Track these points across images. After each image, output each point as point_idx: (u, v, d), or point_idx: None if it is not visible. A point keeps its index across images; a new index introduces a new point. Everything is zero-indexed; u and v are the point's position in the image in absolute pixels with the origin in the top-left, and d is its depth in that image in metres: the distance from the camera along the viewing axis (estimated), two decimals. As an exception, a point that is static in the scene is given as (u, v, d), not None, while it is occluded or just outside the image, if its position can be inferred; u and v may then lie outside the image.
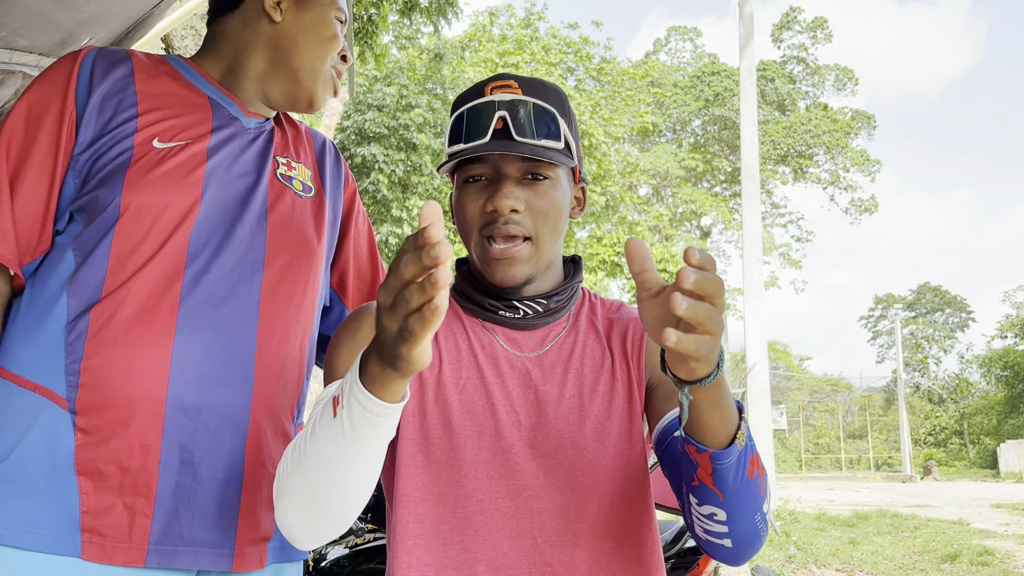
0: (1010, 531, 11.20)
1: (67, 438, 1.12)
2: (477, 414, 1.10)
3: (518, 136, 1.06)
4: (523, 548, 1.07)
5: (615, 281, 16.39)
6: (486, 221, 1.09)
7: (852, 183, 30.80)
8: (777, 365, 37.85)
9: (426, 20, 6.13)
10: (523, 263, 1.10)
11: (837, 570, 7.94)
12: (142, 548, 1.13)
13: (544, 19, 19.94)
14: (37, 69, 1.67)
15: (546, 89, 1.13)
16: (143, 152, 1.21)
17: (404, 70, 14.21)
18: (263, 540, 1.25)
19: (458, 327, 1.16)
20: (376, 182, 12.87)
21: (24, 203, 1.19)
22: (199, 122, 1.29)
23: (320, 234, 1.37)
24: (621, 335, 1.18)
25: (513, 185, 1.08)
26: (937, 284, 42.99)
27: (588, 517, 1.09)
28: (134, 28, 1.79)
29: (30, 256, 1.20)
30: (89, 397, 1.13)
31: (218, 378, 1.18)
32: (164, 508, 1.15)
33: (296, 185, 1.36)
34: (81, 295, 1.16)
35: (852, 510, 13.91)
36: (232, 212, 1.26)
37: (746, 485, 0.94)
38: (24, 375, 1.15)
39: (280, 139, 1.40)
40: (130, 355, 1.14)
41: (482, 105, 1.09)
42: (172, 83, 1.31)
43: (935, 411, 35.45)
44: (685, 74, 32.31)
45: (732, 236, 30.48)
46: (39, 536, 1.09)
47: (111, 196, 1.18)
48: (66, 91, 1.23)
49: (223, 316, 1.20)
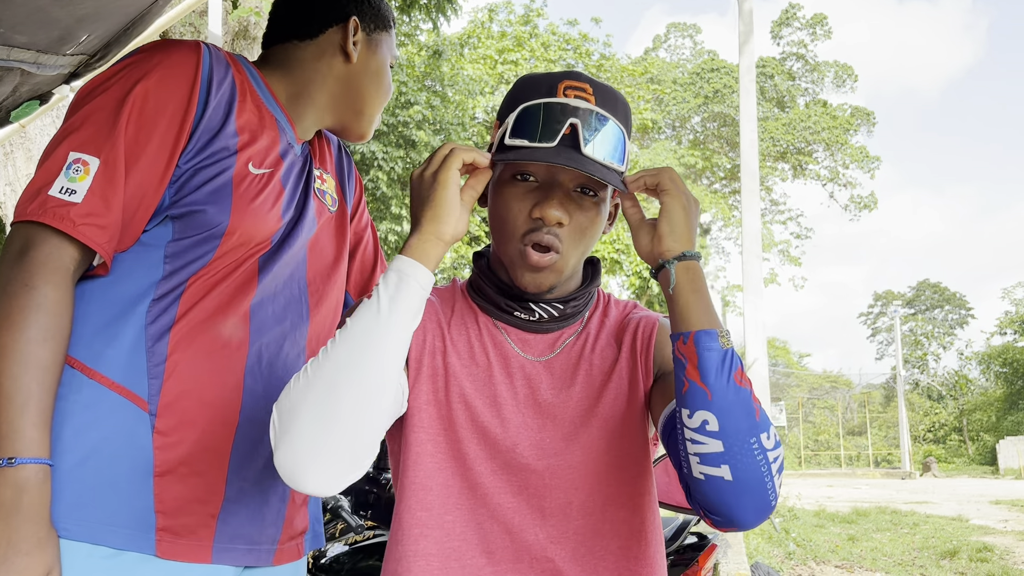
0: (1009, 527, 11.21)
1: (146, 440, 1.14)
2: (485, 410, 1.10)
3: (586, 150, 1.03)
4: (526, 544, 1.08)
5: (615, 278, 16.38)
6: (530, 228, 1.07)
7: (851, 180, 30.83)
8: (776, 362, 37.88)
9: (425, 17, 6.12)
10: (551, 273, 1.09)
11: (836, 566, 7.95)
12: (207, 546, 1.18)
13: (543, 16, 19.91)
14: (35, 66, 1.66)
15: (617, 102, 1.10)
16: (243, 175, 1.22)
17: (403, 67, 14.20)
18: (301, 534, 1.35)
19: (471, 321, 1.16)
20: (375, 179, 12.87)
21: (131, 198, 1.15)
22: (273, 147, 1.30)
23: (342, 247, 1.44)
24: (633, 330, 1.18)
25: (564, 197, 1.07)
26: (936, 281, 43.07)
27: (592, 515, 1.09)
28: (132, 25, 1.79)
29: (118, 247, 1.17)
30: (169, 402, 1.16)
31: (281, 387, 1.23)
32: (229, 511, 1.21)
33: (328, 200, 1.40)
34: (166, 302, 1.17)
35: (851, 507, 13.93)
36: (287, 231, 1.30)
37: (736, 391, 0.93)
38: (107, 374, 1.15)
39: (314, 150, 1.44)
40: (210, 364, 1.19)
41: (554, 105, 1.05)
42: (255, 99, 1.30)
43: (934, 408, 35.49)
44: (684, 71, 32.30)
45: (731, 233, 30.50)
46: (116, 533, 1.11)
47: (220, 216, 1.19)
48: (191, 89, 1.19)
49: (284, 329, 1.29)
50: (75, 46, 1.70)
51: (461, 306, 1.18)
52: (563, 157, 1.01)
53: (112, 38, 1.80)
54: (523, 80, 1.11)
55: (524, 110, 1.06)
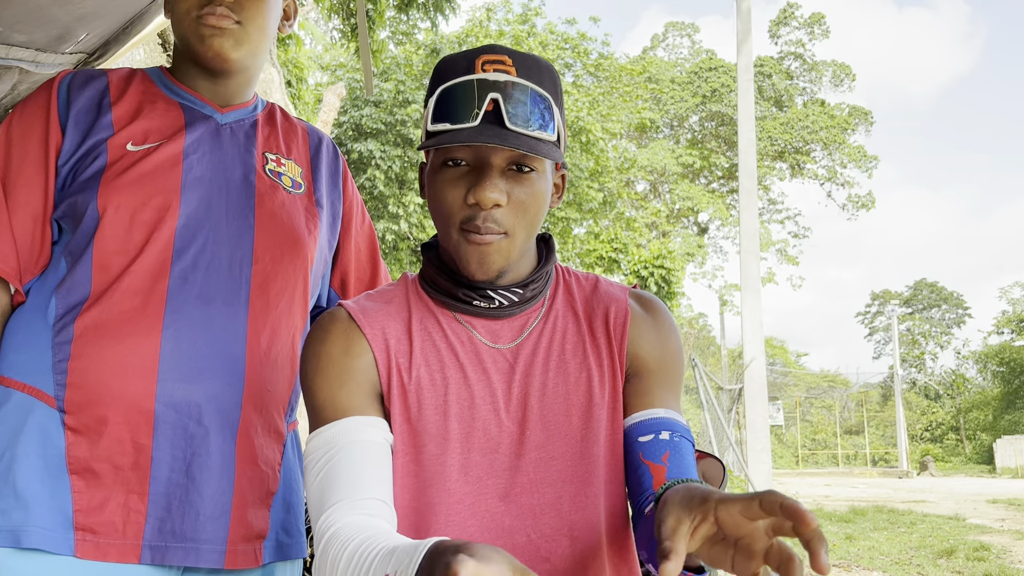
0: (1006, 526, 11.23)
1: (57, 437, 1.13)
2: (463, 417, 1.05)
3: (511, 124, 0.97)
4: (518, 546, 1.05)
5: (612, 277, 16.39)
6: (467, 216, 1.01)
7: (849, 179, 30.85)
8: (774, 361, 37.91)
9: (423, 16, 6.12)
10: (497, 256, 1.02)
11: (834, 565, 7.96)
12: (136, 545, 1.14)
13: (541, 15, 19.91)
14: (34, 64, 1.67)
15: (540, 69, 1.03)
16: (118, 156, 1.23)
17: (401, 66, 14.20)
18: (257, 538, 1.25)
19: (432, 323, 1.09)
20: (372, 178, 12.86)
21: (21, 221, 1.21)
22: (172, 122, 1.30)
23: (311, 230, 1.36)
24: (603, 316, 1.12)
25: (497, 177, 1.00)
26: (934, 280, 42.98)
27: (583, 507, 1.07)
28: (130, 24, 1.79)
29: (32, 273, 1.22)
30: (77, 396, 1.13)
31: (208, 374, 1.19)
32: (157, 505, 1.15)
33: (285, 181, 1.35)
34: (68, 297, 1.17)
35: (849, 506, 13.94)
36: (218, 208, 1.26)
37: None
38: (13, 376, 1.16)
39: (269, 134, 1.40)
40: (119, 353, 1.15)
41: (471, 83, 0.98)
42: (146, 91, 1.33)
43: (932, 407, 35.53)
44: (683, 70, 32.28)
45: (729, 232, 30.50)
46: (33, 535, 1.09)
47: (88, 201, 1.19)
48: (48, 111, 1.25)
49: (212, 311, 1.21)
50: (74, 45, 1.71)
51: (417, 304, 1.11)
52: (486, 135, 0.96)
53: (111, 37, 1.80)
54: (442, 61, 1.04)
55: (443, 92, 1.00)
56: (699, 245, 26.30)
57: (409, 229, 13.54)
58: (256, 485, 1.24)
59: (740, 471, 12.18)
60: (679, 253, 20.77)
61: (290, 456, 1.33)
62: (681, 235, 27.22)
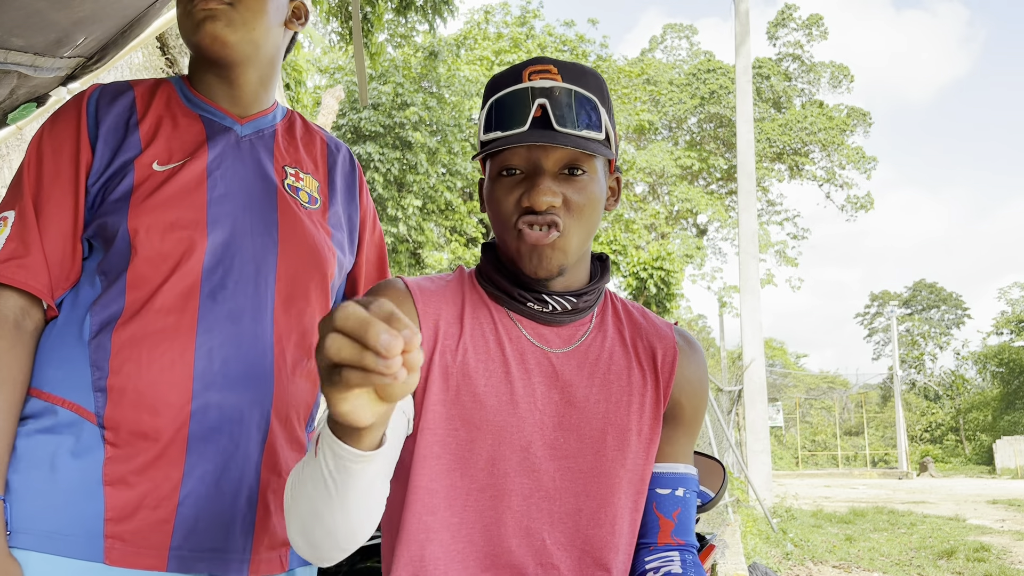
0: (1006, 527, 11.23)
1: (97, 451, 1.16)
2: (501, 410, 1.07)
3: (558, 126, 1.02)
4: (531, 548, 1.06)
5: (612, 279, 16.36)
6: (521, 214, 1.05)
7: (848, 180, 30.85)
8: (773, 362, 37.90)
9: (421, 18, 6.13)
10: (556, 252, 1.05)
11: (834, 567, 7.96)
12: (163, 554, 1.17)
13: (540, 17, 19.94)
14: (32, 68, 1.67)
15: (586, 75, 1.07)
16: (144, 176, 1.25)
17: (399, 68, 14.20)
18: (282, 545, 1.29)
19: (484, 314, 1.12)
20: (371, 181, 12.87)
21: (52, 237, 1.23)
22: (194, 137, 1.31)
23: (329, 244, 1.38)
24: (651, 351, 1.15)
25: (550, 180, 1.04)
26: (933, 281, 43.11)
27: (601, 525, 1.08)
28: (129, 28, 1.79)
29: (63, 287, 1.24)
30: (116, 413, 1.16)
31: (238, 390, 1.22)
32: (186, 516, 1.18)
33: (303, 196, 1.37)
34: (103, 315, 1.20)
35: (849, 507, 13.94)
36: (243, 225, 1.28)
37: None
38: (53, 391, 1.19)
39: (288, 146, 1.41)
40: (154, 369, 1.18)
41: (520, 91, 1.03)
42: (168, 105, 1.34)
43: (931, 408, 35.54)
44: (681, 72, 32.30)
45: (728, 234, 30.50)
46: (63, 541, 1.12)
47: (118, 223, 1.21)
48: (78, 128, 1.27)
49: (241, 329, 1.24)
50: (72, 49, 1.71)
51: (471, 295, 1.14)
52: (535, 136, 1.01)
53: (109, 41, 1.80)
54: (492, 79, 1.10)
55: (493, 103, 1.05)
56: (698, 247, 26.28)
57: (408, 232, 13.54)
58: (280, 495, 1.28)
59: (740, 472, 12.18)
60: (678, 255, 20.78)
61: None
62: (680, 237, 27.21)
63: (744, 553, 6.64)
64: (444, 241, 14.64)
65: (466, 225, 14.53)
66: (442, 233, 14.77)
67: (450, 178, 14.29)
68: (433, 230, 14.23)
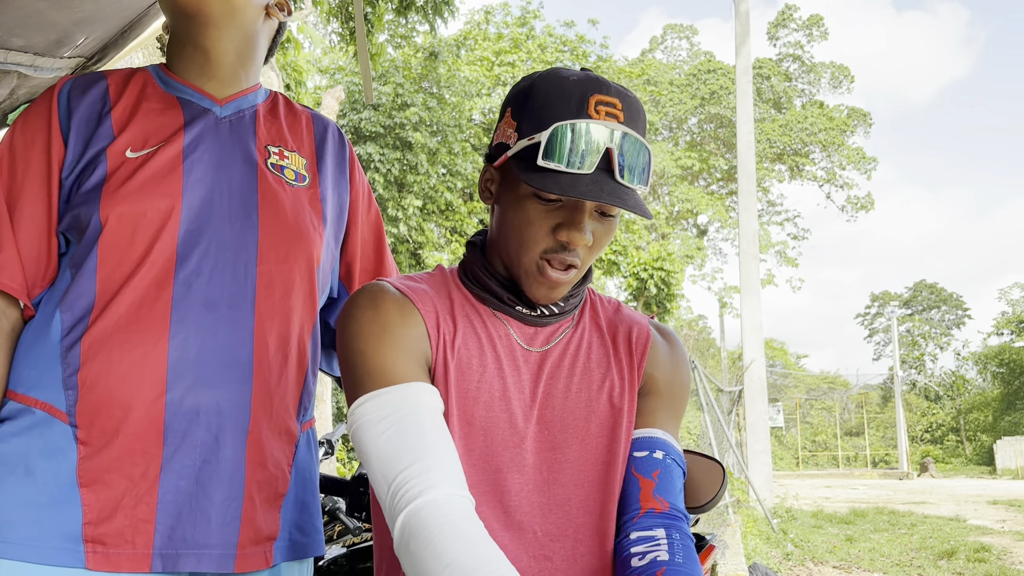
0: (1006, 527, 11.23)
1: (70, 451, 1.13)
2: (493, 407, 1.09)
3: (620, 177, 1.01)
4: (524, 542, 1.07)
5: (612, 280, 16.40)
6: (549, 247, 1.05)
7: (848, 180, 30.89)
8: (774, 363, 37.90)
9: (422, 19, 6.13)
10: (566, 288, 1.10)
11: (834, 567, 7.96)
12: (147, 554, 1.13)
13: (540, 17, 19.95)
14: (32, 69, 1.67)
15: (640, 115, 1.06)
16: (117, 164, 1.22)
17: (399, 69, 14.20)
18: (267, 540, 1.24)
19: (472, 313, 1.13)
20: (372, 181, 12.87)
21: (26, 235, 1.21)
22: (171, 121, 1.28)
23: (316, 226, 1.33)
24: (626, 335, 1.18)
25: (589, 219, 1.06)
26: (933, 281, 43.12)
27: (591, 513, 1.09)
28: (129, 28, 1.79)
29: (40, 286, 1.22)
30: (88, 408, 1.13)
31: (216, 380, 1.18)
32: (167, 513, 1.15)
33: (288, 175, 1.32)
34: (73, 310, 1.17)
35: (849, 507, 13.94)
36: (220, 209, 1.24)
37: None
38: (26, 392, 1.16)
39: (271, 125, 1.37)
40: (125, 363, 1.14)
41: (593, 129, 1.00)
42: (143, 91, 1.31)
43: (932, 408, 35.55)
44: (681, 72, 32.32)
45: (728, 234, 30.53)
46: (43, 549, 1.09)
47: (90, 213, 1.18)
48: (49, 121, 1.24)
49: (218, 317, 1.20)
50: (72, 49, 1.71)
51: (457, 294, 1.14)
52: (599, 188, 1.00)
53: (109, 41, 1.80)
54: (547, 83, 1.05)
55: (559, 130, 1.01)
56: (698, 247, 26.30)
57: (408, 232, 13.54)
58: (265, 488, 1.24)
59: (740, 473, 12.18)
60: (678, 255, 20.78)
61: (303, 456, 1.31)
62: (680, 237, 27.23)
63: (744, 554, 6.65)
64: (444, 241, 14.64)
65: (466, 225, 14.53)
66: (442, 233, 14.77)
67: (450, 178, 14.29)
68: (433, 230, 14.23)
